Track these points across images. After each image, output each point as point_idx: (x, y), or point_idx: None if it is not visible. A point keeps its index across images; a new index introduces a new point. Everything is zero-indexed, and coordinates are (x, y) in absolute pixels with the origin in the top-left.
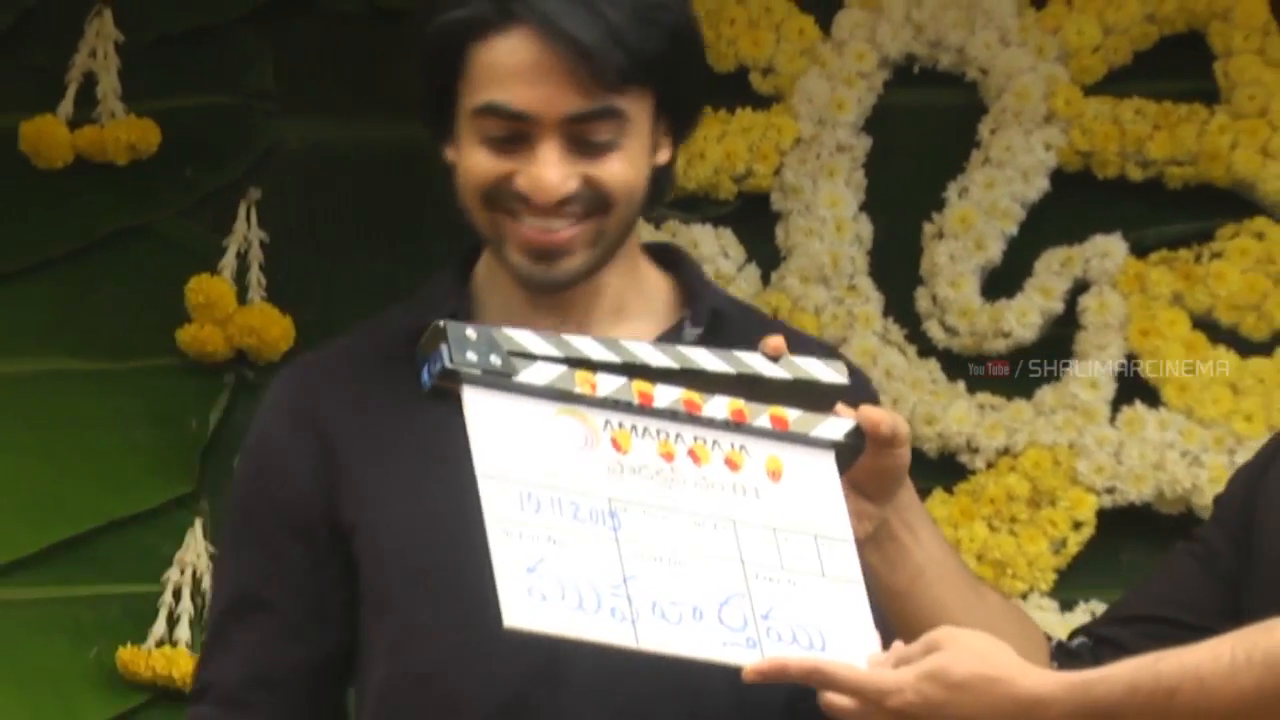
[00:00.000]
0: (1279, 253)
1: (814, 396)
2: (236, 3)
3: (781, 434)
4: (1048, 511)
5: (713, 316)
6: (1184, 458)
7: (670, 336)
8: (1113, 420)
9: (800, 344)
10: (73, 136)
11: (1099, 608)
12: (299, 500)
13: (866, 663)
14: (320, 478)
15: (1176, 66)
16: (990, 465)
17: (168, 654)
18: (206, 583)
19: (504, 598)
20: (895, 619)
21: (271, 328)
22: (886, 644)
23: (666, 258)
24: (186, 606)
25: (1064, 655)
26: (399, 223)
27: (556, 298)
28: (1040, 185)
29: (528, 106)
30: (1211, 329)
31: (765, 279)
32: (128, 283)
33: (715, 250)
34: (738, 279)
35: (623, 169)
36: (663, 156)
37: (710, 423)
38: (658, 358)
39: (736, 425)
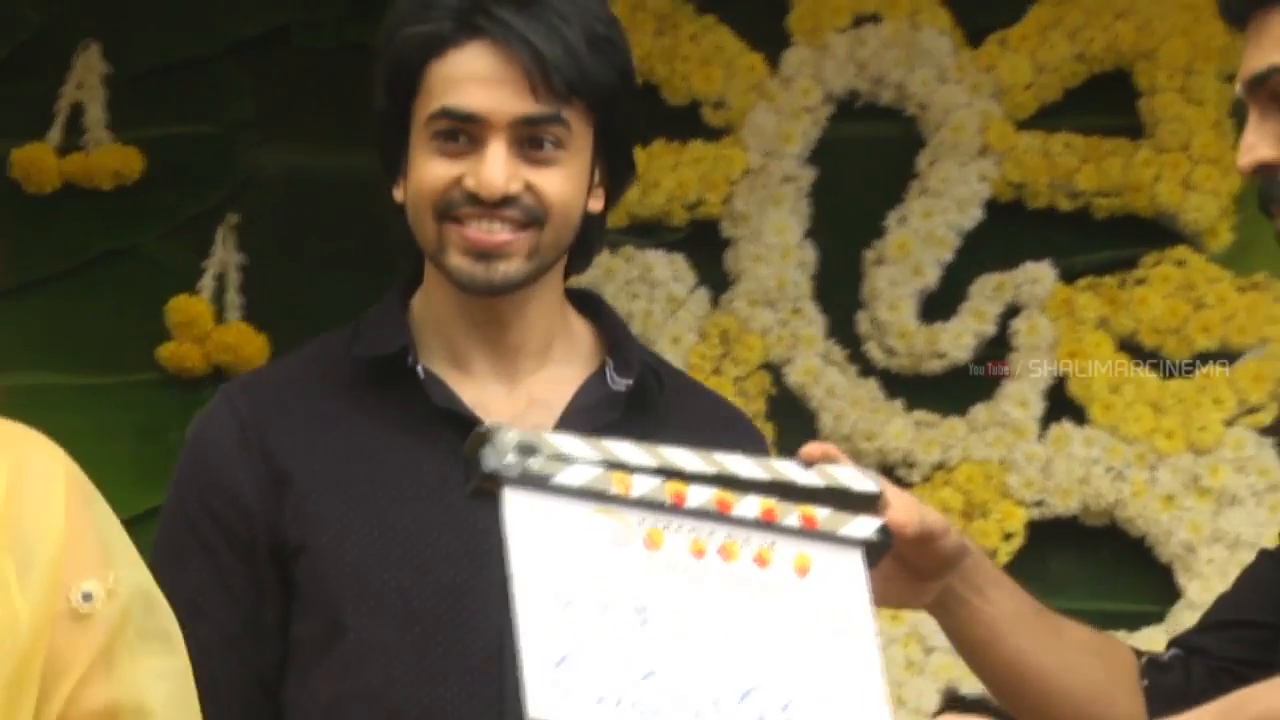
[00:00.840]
0: (1199, 279)
1: (847, 502)
2: (218, 38)
3: (811, 532)
4: (980, 523)
5: (643, 369)
6: (1108, 473)
7: (595, 382)
8: (1041, 437)
9: (705, 394)
10: (61, 163)
11: None
12: (242, 517)
13: None
14: (266, 498)
15: (1104, 103)
16: (926, 479)
17: None
18: None
19: (530, 690)
20: (975, 669)
21: (247, 345)
22: None
23: (588, 305)
24: None
25: (1155, 670)
26: (368, 247)
27: (491, 330)
28: (975, 214)
29: (480, 108)
30: (1135, 351)
31: (715, 302)
32: (112, 302)
33: (668, 274)
34: (689, 301)
35: (562, 184)
36: (596, 204)
37: (741, 521)
38: (693, 463)
39: (767, 524)
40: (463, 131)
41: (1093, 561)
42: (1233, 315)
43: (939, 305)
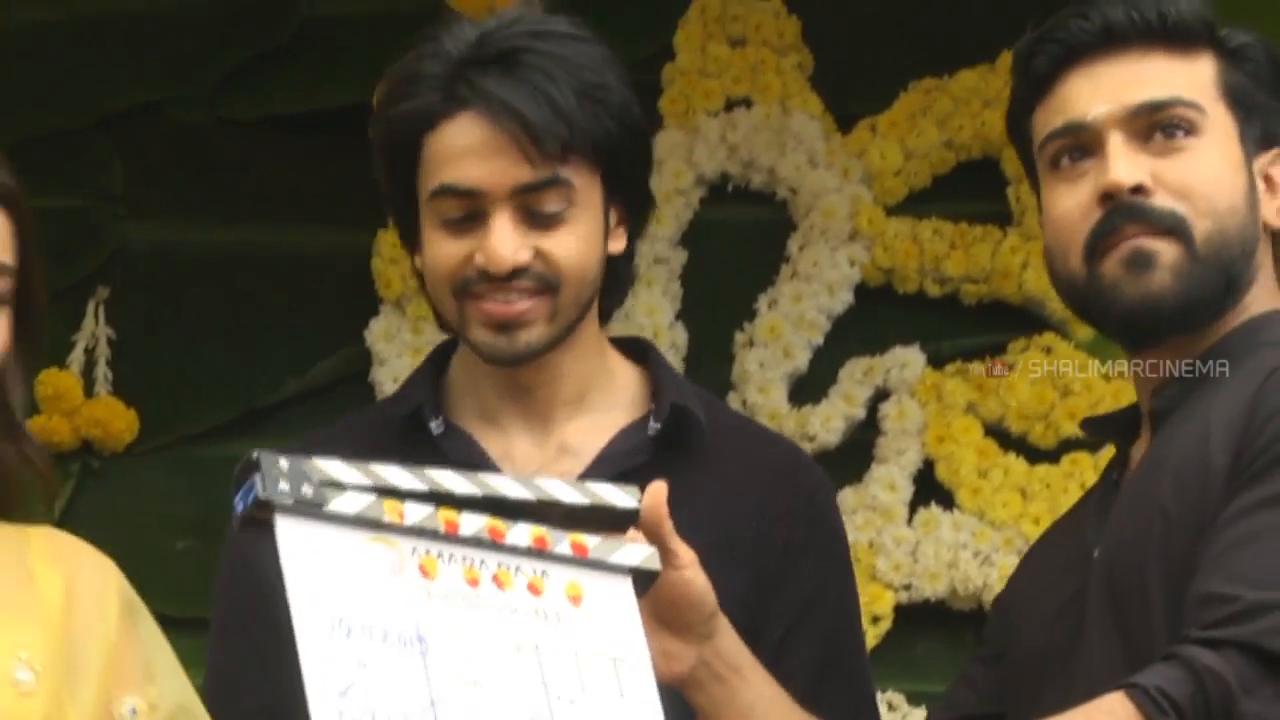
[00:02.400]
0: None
1: (611, 520)
2: (88, 111)
3: (581, 560)
4: None
5: (673, 412)
6: (976, 557)
7: (636, 429)
8: (910, 521)
9: (762, 438)
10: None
11: (895, 698)
12: (268, 596)
13: None
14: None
15: (972, 190)
16: None
17: None
18: None
19: None
20: None
21: (116, 420)
22: None
23: (636, 351)
24: None
25: None
26: (239, 321)
27: (521, 387)
28: (844, 298)
29: (478, 182)
30: (1003, 437)
31: None
32: None
33: None
34: None
35: (573, 244)
36: (616, 245)
37: (514, 550)
38: (462, 485)
39: (539, 552)
40: (464, 207)
41: (960, 646)
42: (1099, 402)
43: (809, 388)
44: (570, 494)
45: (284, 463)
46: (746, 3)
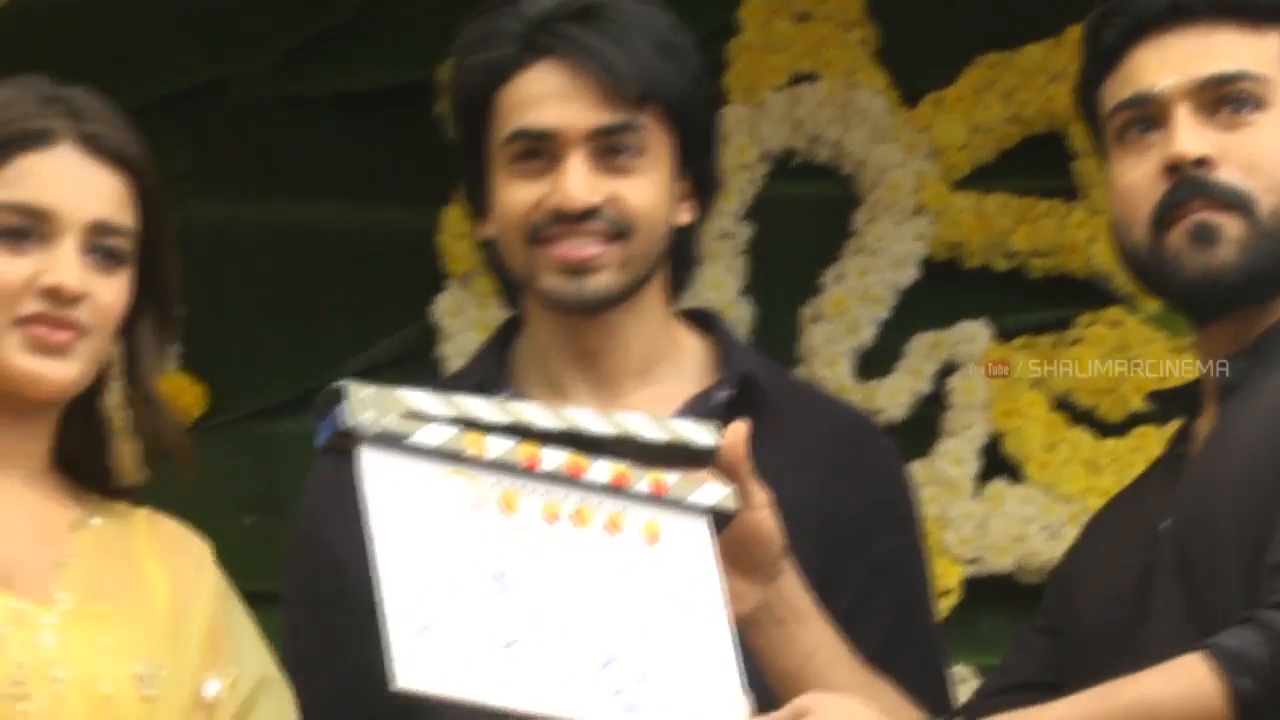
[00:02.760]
0: (1133, 340)
1: (689, 457)
2: (154, 89)
3: (660, 499)
4: None
5: (742, 381)
6: (1043, 531)
7: (701, 400)
8: (977, 494)
9: (830, 405)
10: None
11: (963, 671)
12: (339, 573)
13: None
14: (359, 554)
15: (1038, 164)
16: None
17: None
18: None
19: (395, 660)
20: (788, 699)
21: (184, 395)
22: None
23: (704, 322)
24: None
25: None
26: (306, 297)
27: (588, 354)
28: (910, 273)
29: (553, 123)
30: (1070, 410)
31: None
32: None
33: None
34: None
35: (645, 192)
36: (683, 216)
37: (593, 486)
38: (543, 418)
39: (618, 489)
40: (539, 151)
41: (1027, 620)
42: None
43: (875, 363)
44: (650, 429)
45: (368, 393)
46: None
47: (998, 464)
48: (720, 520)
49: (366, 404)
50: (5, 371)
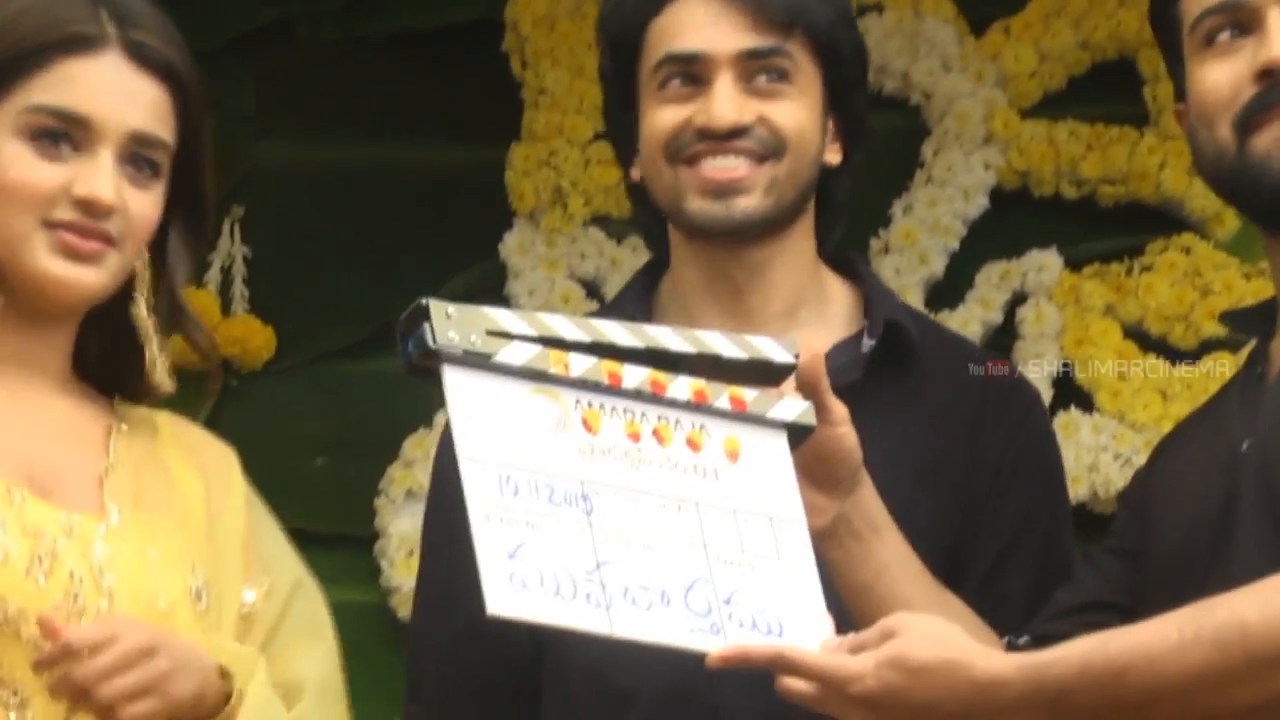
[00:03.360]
0: (1205, 267)
1: (769, 374)
2: (219, 31)
3: (739, 414)
4: None
5: (887, 328)
6: (1116, 460)
7: (849, 346)
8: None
9: (976, 355)
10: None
11: None
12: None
13: (820, 647)
14: None
15: (1108, 91)
16: None
17: None
18: None
19: (487, 585)
20: (860, 614)
21: (254, 338)
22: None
23: (850, 269)
24: None
25: (1014, 651)
26: (373, 238)
27: (734, 292)
28: (980, 203)
29: (701, 46)
30: (1142, 338)
31: None
32: None
33: None
34: None
35: (794, 113)
36: (833, 157)
37: (673, 403)
38: (625, 338)
39: (697, 406)
40: (688, 75)
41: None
42: (1239, 302)
43: (945, 294)
44: (728, 347)
45: (452, 310)
46: None
47: (1070, 393)
48: (798, 435)
49: (450, 322)
50: (32, 273)
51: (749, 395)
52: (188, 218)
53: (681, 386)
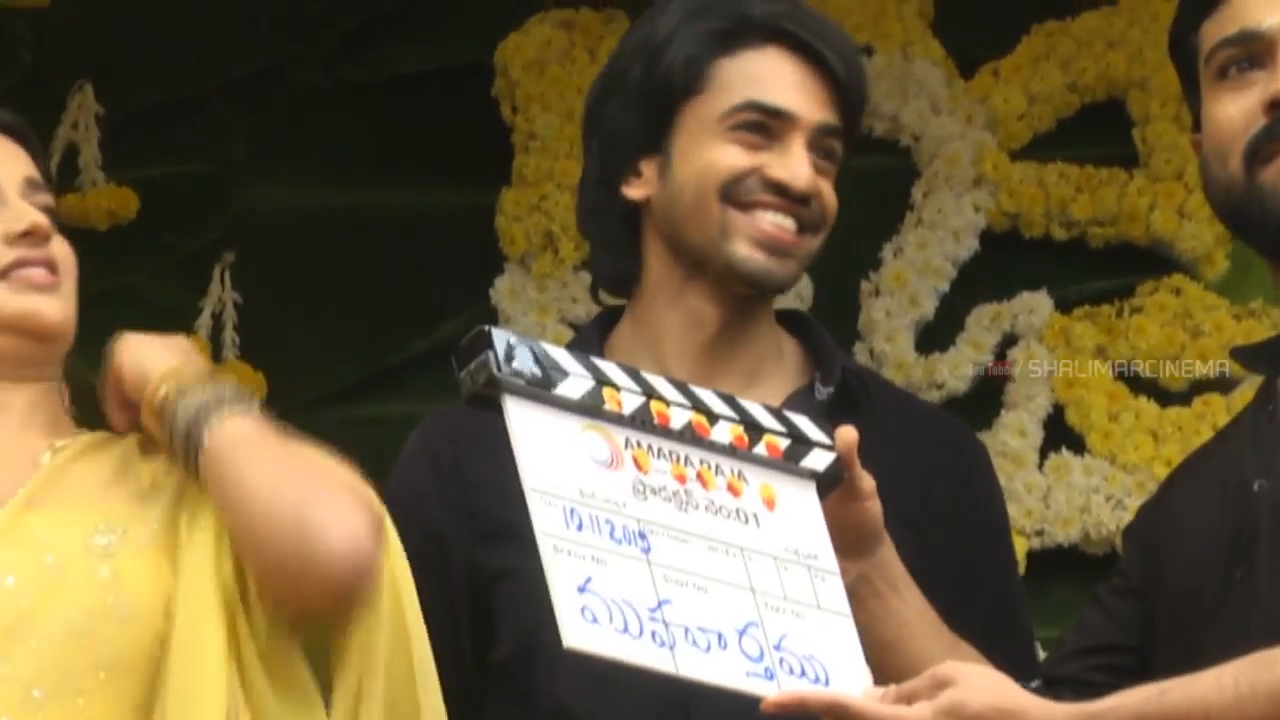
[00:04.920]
0: (1195, 308)
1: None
2: (210, 76)
3: (774, 462)
4: None
5: (844, 374)
6: (1108, 501)
7: (804, 395)
8: (1041, 466)
9: (921, 406)
10: (56, 204)
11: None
12: (437, 550)
13: (863, 695)
14: (460, 527)
15: (1097, 132)
16: None
17: None
18: None
19: (562, 618)
20: (881, 669)
21: (244, 383)
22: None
23: (796, 323)
24: None
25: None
26: (364, 283)
27: (711, 352)
28: (970, 245)
29: (791, 106)
30: (1133, 380)
31: None
32: (108, 343)
33: None
34: None
35: (832, 194)
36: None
37: (714, 446)
38: (671, 393)
39: (735, 450)
40: (765, 127)
41: (1094, 591)
42: (1229, 342)
43: (936, 336)
44: (770, 420)
45: (514, 340)
46: None
47: (1061, 435)
48: (825, 486)
49: (514, 353)
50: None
51: (784, 444)
52: None
53: (723, 430)
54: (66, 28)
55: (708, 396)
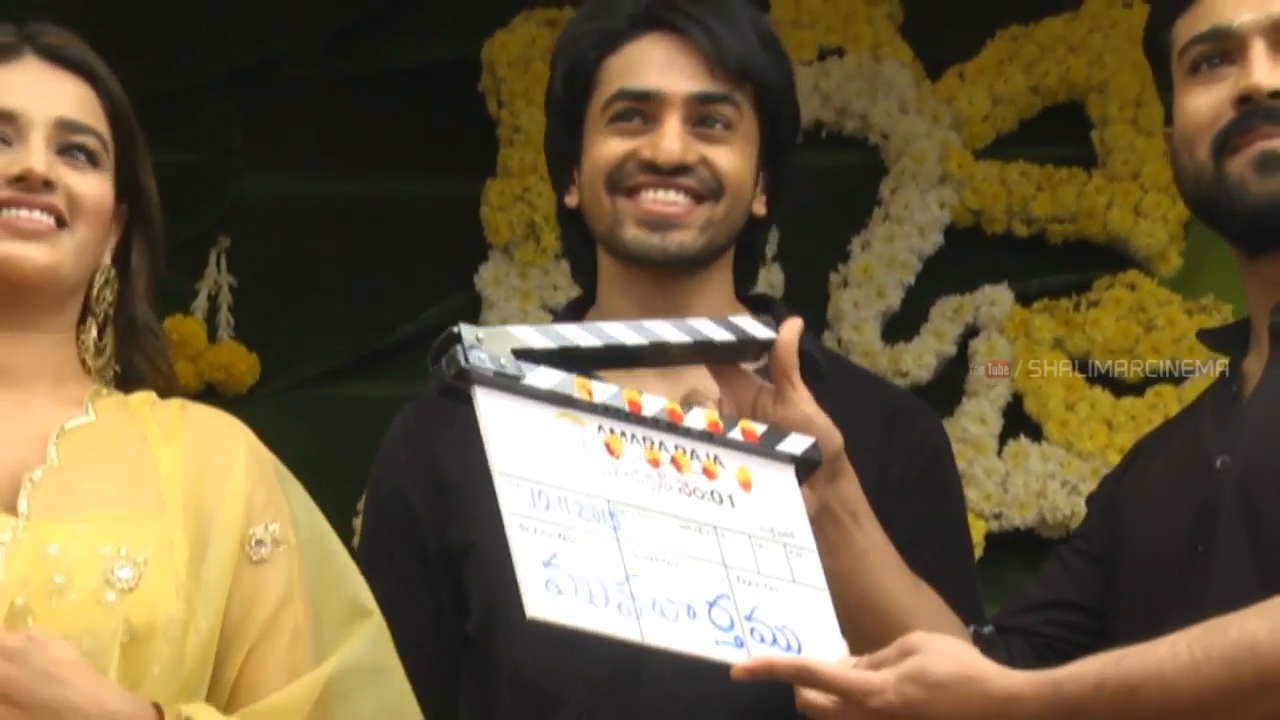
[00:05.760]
0: (1149, 303)
1: (753, 348)
2: (206, 69)
3: (750, 446)
4: None
5: (803, 358)
6: (1064, 487)
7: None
8: (1000, 453)
9: (880, 384)
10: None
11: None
12: (412, 524)
13: (838, 663)
14: (431, 503)
15: (1058, 133)
16: None
17: None
18: None
19: (525, 590)
20: (840, 600)
21: (239, 364)
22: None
23: (765, 307)
24: None
25: (980, 643)
26: (354, 268)
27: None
28: (935, 239)
29: (656, 85)
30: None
31: None
32: None
33: None
34: None
35: (734, 160)
36: (759, 207)
37: (689, 432)
38: (631, 337)
39: (711, 436)
40: (639, 111)
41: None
42: (1182, 336)
43: (901, 326)
44: (718, 331)
45: (481, 334)
46: None
47: (1019, 423)
48: (804, 470)
49: (481, 345)
50: None
51: (759, 429)
52: (142, 224)
53: (697, 417)
54: (66, 21)
55: (666, 330)
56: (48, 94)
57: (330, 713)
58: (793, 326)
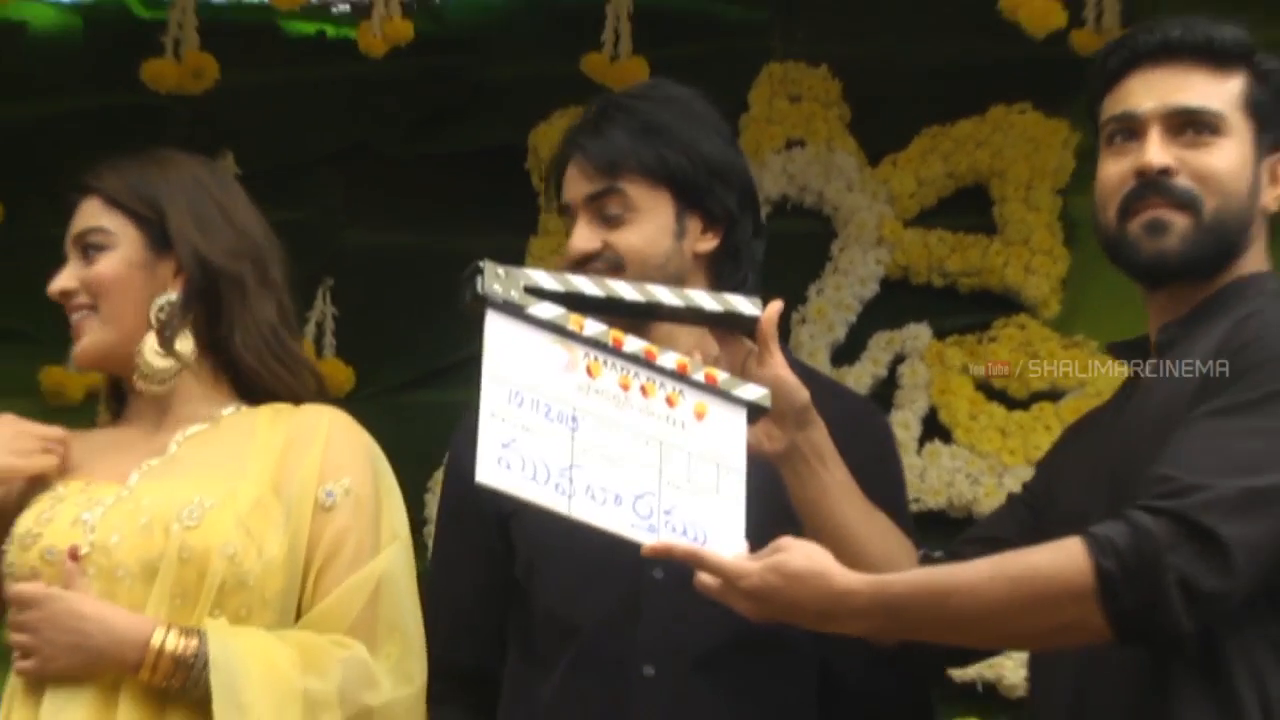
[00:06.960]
0: (1035, 339)
1: (740, 322)
2: (317, 148)
3: (711, 388)
4: None
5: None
6: (967, 479)
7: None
8: (919, 452)
9: (837, 389)
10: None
11: None
12: (474, 496)
13: (732, 557)
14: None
15: (967, 209)
16: None
17: None
18: None
19: (481, 462)
20: (810, 528)
21: (338, 375)
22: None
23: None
24: None
25: (927, 564)
26: (426, 302)
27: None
28: (872, 288)
29: (566, 196)
30: (988, 390)
31: None
32: None
33: None
34: None
35: (634, 238)
36: (703, 245)
37: (661, 370)
38: (631, 294)
39: (679, 375)
40: (570, 215)
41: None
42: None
43: (846, 354)
44: (709, 302)
45: (501, 271)
46: (802, 70)
47: (934, 430)
48: (755, 413)
49: (497, 278)
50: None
51: (721, 375)
52: (197, 265)
53: (669, 358)
54: (215, 110)
55: (663, 294)
56: (76, 223)
57: (379, 612)
58: (775, 306)
